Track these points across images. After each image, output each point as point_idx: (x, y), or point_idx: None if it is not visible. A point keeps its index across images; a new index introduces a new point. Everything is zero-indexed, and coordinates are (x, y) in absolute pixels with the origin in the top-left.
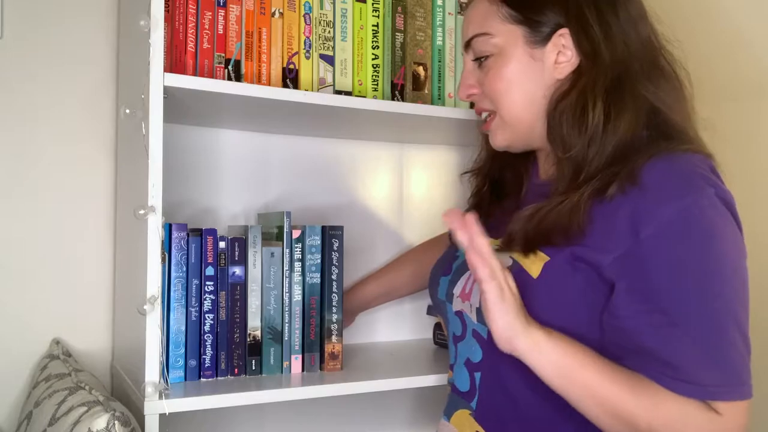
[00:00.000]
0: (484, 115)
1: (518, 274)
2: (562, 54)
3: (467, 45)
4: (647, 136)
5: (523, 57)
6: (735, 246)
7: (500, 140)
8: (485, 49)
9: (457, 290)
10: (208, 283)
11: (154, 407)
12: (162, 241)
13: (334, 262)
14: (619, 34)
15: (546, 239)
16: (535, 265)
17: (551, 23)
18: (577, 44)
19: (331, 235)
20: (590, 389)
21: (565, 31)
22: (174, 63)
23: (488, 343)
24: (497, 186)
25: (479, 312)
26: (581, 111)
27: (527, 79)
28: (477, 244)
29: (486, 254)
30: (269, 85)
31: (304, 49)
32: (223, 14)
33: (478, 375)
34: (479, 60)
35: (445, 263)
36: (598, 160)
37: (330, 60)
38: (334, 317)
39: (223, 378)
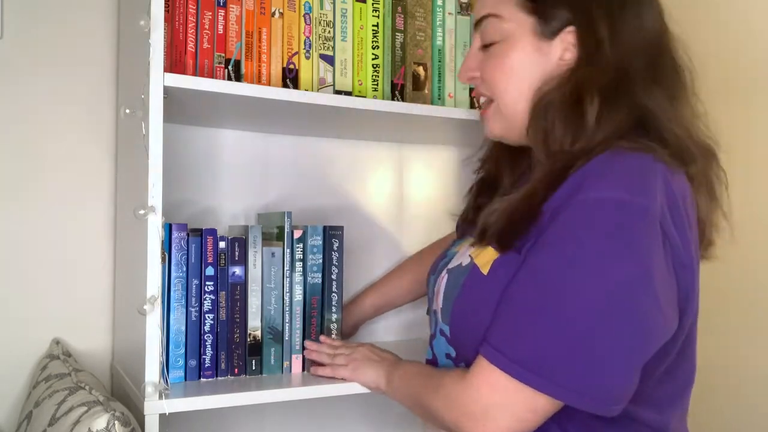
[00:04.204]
0: (482, 100)
1: (472, 271)
2: (568, 51)
3: (477, 24)
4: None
5: (529, 47)
6: (613, 255)
7: (495, 129)
8: (494, 34)
9: (434, 289)
10: (208, 283)
11: (154, 407)
12: (162, 241)
13: (335, 262)
14: (625, 33)
15: (513, 231)
16: (487, 262)
17: (561, 18)
18: (582, 42)
19: (331, 235)
20: (412, 399)
21: (572, 29)
22: (174, 63)
23: (451, 340)
24: (494, 182)
25: (443, 311)
26: (574, 106)
27: (529, 70)
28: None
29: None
30: (269, 85)
31: (304, 49)
32: (223, 14)
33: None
34: (486, 46)
35: (437, 263)
36: (582, 156)
37: (330, 60)
38: (334, 317)
39: (223, 378)
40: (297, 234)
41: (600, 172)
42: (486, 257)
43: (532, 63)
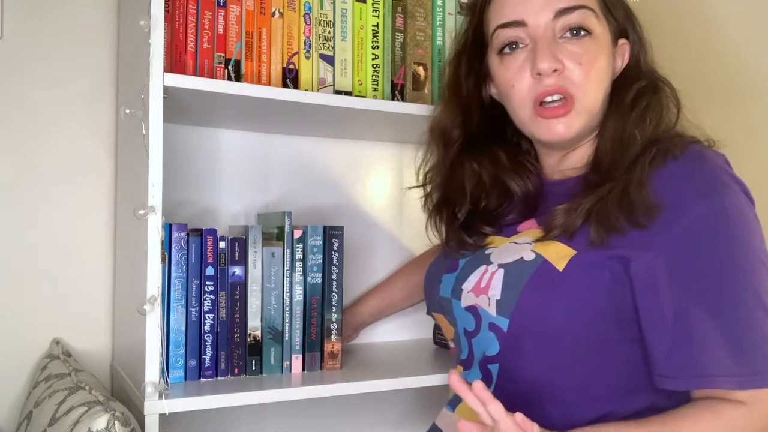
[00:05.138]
0: (554, 97)
1: (543, 267)
2: (620, 60)
3: (564, 12)
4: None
5: (610, 50)
6: (762, 238)
7: (573, 128)
8: (589, 27)
9: (468, 285)
10: (208, 283)
11: (154, 407)
12: (162, 241)
13: (335, 261)
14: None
15: (621, 221)
16: (560, 258)
17: (620, 28)
18: (635, 52)
19: (331, 235)
20: None
21: (626, 41)
22: (174, 63)
23: (507, 335)
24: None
25: (499, 304)
26: (658, 111)
27: (608, 72)
28: (492, 412)
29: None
30: (269, 85)
31: (304, 49)
32: (223, 14)
33: (494, 367)
34: (570, 32)
35: (446, 261)
36: (651, 145)
37: (330, 60)
38: (334, 317)
39: (223, 378)
40: (297, 234)
41: (708, 171)
42: (557, 253)
43: (609, 66)
